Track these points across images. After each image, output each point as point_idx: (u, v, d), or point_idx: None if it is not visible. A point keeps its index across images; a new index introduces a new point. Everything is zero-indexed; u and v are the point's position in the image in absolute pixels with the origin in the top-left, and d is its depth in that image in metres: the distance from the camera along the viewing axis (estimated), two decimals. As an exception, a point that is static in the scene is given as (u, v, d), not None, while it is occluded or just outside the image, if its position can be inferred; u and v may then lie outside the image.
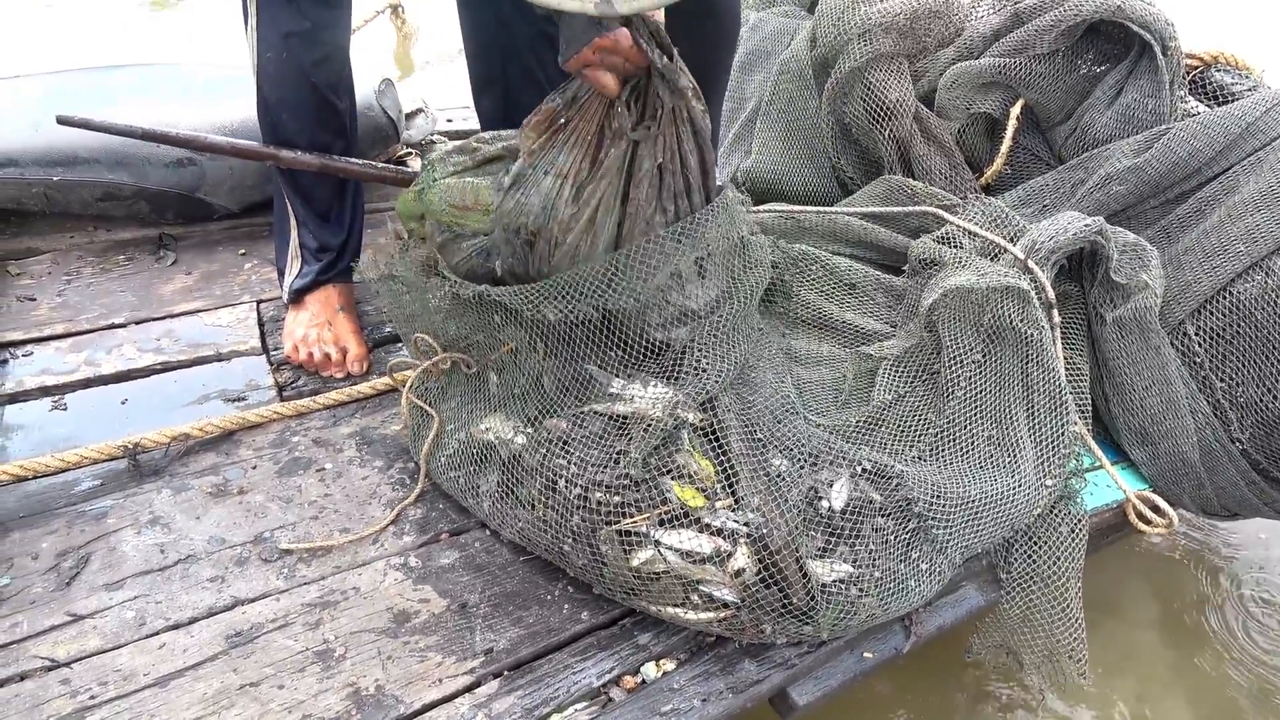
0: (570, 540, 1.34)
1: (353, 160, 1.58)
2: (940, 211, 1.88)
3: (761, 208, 2.17)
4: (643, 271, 1.31)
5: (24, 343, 1.70)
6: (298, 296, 1.75)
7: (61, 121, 1.47)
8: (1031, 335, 1.58)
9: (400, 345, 1.80)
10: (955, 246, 1.80)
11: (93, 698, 1.18)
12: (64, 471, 1.44)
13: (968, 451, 1.54)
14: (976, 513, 1.43)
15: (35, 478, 1.42)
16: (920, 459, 1.53)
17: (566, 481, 1.35)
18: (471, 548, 1.44)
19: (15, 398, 1.60)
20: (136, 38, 3.85)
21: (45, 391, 1.62)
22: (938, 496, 1.41)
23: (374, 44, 3.79)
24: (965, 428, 1.55)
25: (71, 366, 1.66)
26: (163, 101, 1.99)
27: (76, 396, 1.62)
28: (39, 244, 1.92)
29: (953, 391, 1.57)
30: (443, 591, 1.36)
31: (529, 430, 1.43)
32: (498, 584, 1.38)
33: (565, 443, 1.37)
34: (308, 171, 1.61)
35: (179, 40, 3.85)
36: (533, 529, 1.38)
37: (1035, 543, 1.51)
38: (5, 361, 1.66)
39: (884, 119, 2.13)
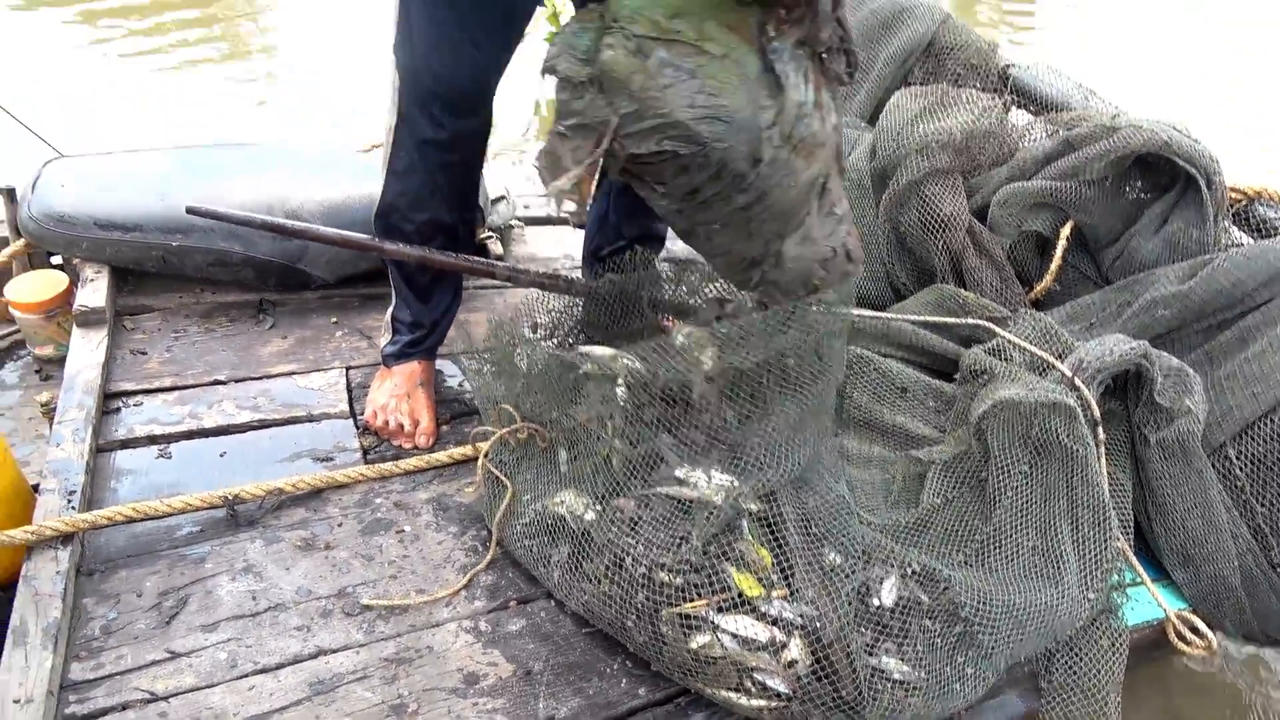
0: (633, 617, 1.42)
1: (449, 254, 1.72)
2: (991, 325, 1.98)
3: (820, 306, 2.28)
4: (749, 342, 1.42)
5: (135, 393, 1.84)
6: (386, 362, 1.89)
7: (191, 212, 1.63)
8: (1077, 451, 1.66)
9: (477, 418, 1.92)
10: (1005, 359, 1.90)
11: (187, 732, 1.28)
12: (169, 516, 1.56)
13: (1013, 560, 1.61)
14: (1021, 621, 1.50)
15: (145, 520, 1.54)
16: (967, 564, 1.60)
17: (633, 560, 1.44)
18: (538, 616, 1.53)
19: (126, 444, 1.73)
20: (248, 123, 4.18)
21: (153, 440, 1.75)
22: (984, 603, 1.48)
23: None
24: (1011, 536, 1.62)
25: (177, 418, 1.80)
26: (272, 177, 2.17)
27: (180, 446, 1.75)
28: (152, 302, 2.09)
29: (999, 500, 1.65)
30: (510, 657, 1.45)
31: (599, 507, 1.53)
32: (561, 654, 1.47)
33: (633, 523, 1.47)
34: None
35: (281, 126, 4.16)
36: (597, 603, 1.47)
37: (1076, 653, 1.57)
38: (119, 410, 1.80)
39: (938, 230, 2.25)
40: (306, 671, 1.38)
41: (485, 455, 1.74)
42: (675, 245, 2.68)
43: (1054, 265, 2.19)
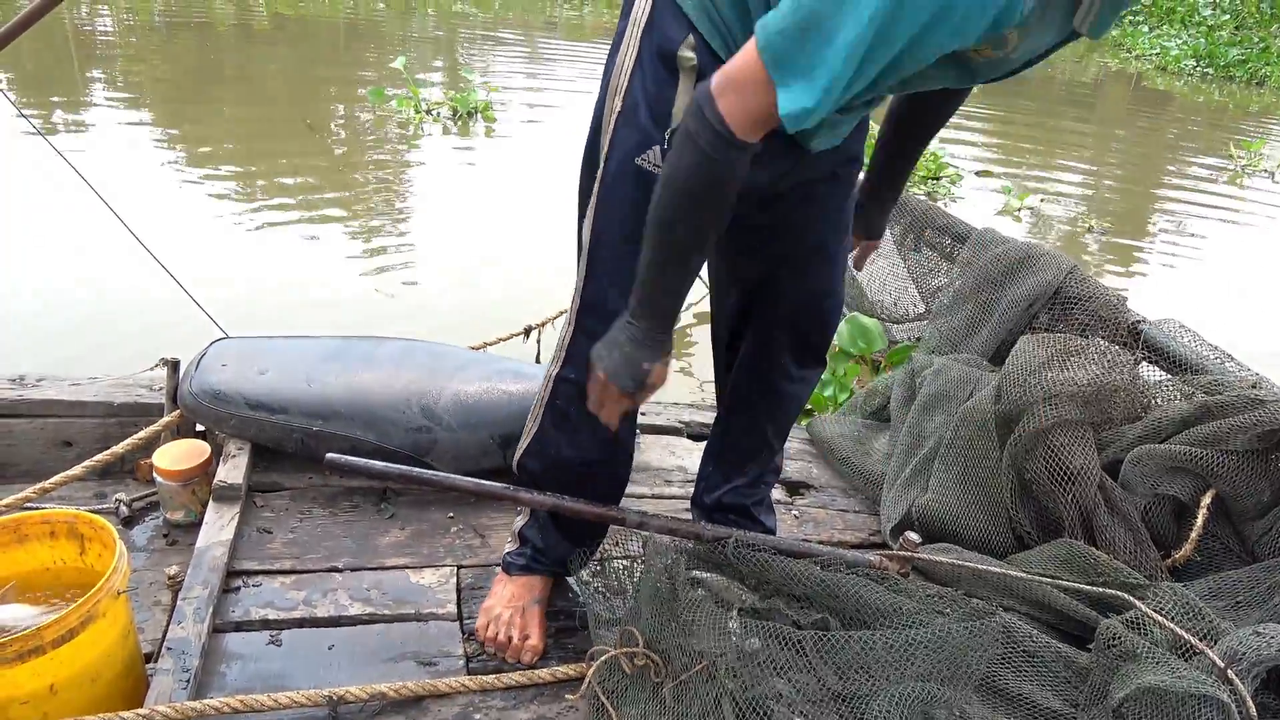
0: None
1: (578, 503, 1.75)
2: (1129, 597, 1.87)
3: (937, 548, 2.21)
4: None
5: (256, 573, 1.89)
6: (507, 570, 1.87)
7: (329, 465, 1.72)
8: (1233, 754, 1.51)
9: (582, 634, 1.88)
10: (1144, 633, 1.77)
11: None
12: (274, 710, 1.55)
13: None
14: None
15: (251, 712, 1.53)
16: None
17: (740, 825, 1.35)
18: None
19: (241, 626, 1.75)
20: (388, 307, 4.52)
21: (266, 624, 1.77)
22: None
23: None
24: (1157, 843, 1.46)
25: (292, 604, 1.82)
26: (413, 371, 2.29)
27: (291, 634, 1.76)
28: (283, 480, 2.17)
29: (1145, 799, 1.50)
30: None
31: (706, 758, 1.45)
32: None
33: (742, 782, 1.39)
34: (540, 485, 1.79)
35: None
36: None
37: None
38: (238, 589, 1.84)
39: (1067, 482, 2.18)
40: None
41: (592, 672, 1.69)
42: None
43: (1194, 534, 2.08)
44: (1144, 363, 2.56)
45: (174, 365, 2.29)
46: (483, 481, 1.71)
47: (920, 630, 1.59)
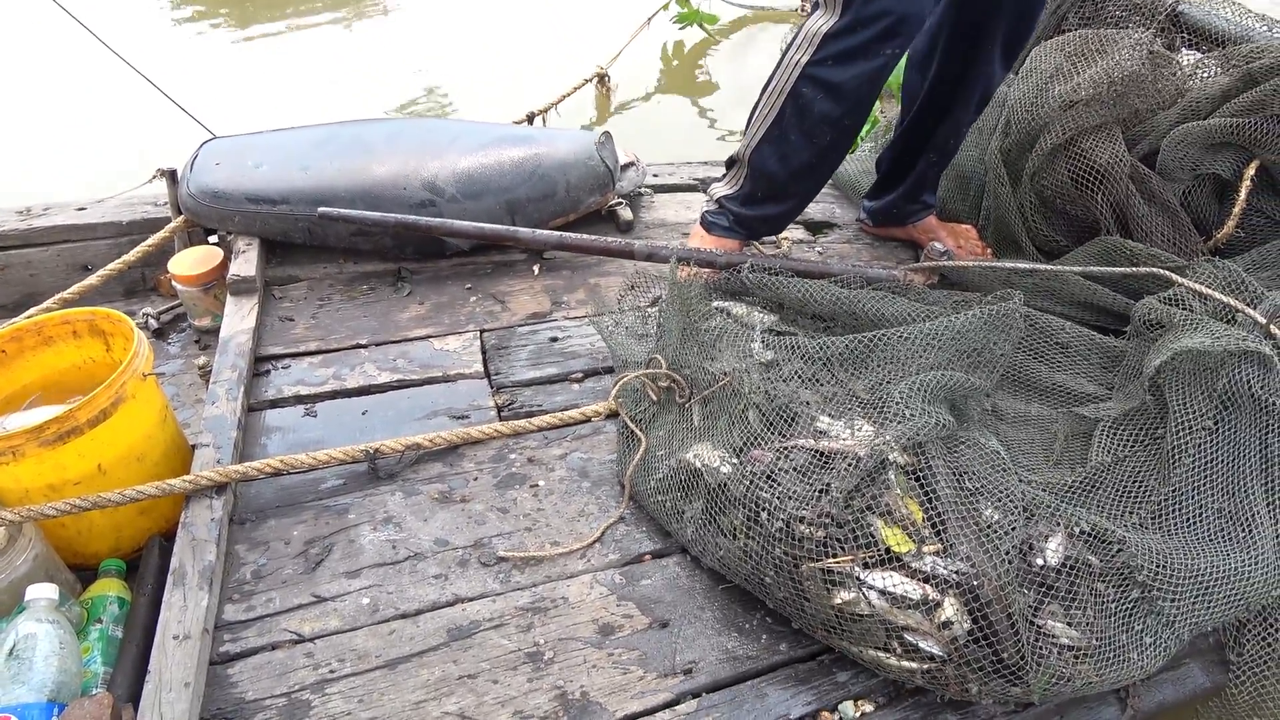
0: (772, 572, 1.36)
1: (583, 236, 1.74)
2: (1167, 273, 1.80)
3: (969, 261, 2.15)
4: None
5: (283, 357, 1.91)
6: (709, 229, 2.06)
7: (323, 216, 1.68)
8: (1272, 404, 1.48)
9: (610, 377, 1.89)
10: (1184, 309, 1.72)
11: (332, 671, 1.30)
12: (314, 469, 1.61)
13: (1195, 522, 1.45)
14: (1206, 587, 1.35)
15: (291, 473, 1.58)
16: (1141, 526, 1.46)
17: (769, 514, 1.37)
18: (673, 571, 1.49)
19: (275, 403, 1.80)
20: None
21: (299, 400, 1.81)
22: (1163, 566, 1.34)
23: (582, 104, 4.14)
24: (1193, 497, 1.47)
25: (321, 379, 1.85)
26: (409, 149, 2.22)
27: (325, 405, 1.80)
28: (298, 272, 2.17)
29: (1179, 459, 1.49)
30: (645, 609, 1.41)
31: (735, 460, 1.47)
32: (698, 608, 1.42)
33: (769, 476, 1.41)
34: (769, 174, 1.93)
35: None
36: (733, 558, 1.41)
37: (1272, 625, 1.40)
38: (268, 372, 1.87)
39: (1096, 183, 2.07)
40: (445, 618, 1.39)
41: (620, 404, 1.72)
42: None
43: (1236, 209, 1.98)
44: (1185, 48, 2.37)
45: (171, 175, 2.25)
46: (482, 225, 1.67)
47: (938, 321, 1.56)
